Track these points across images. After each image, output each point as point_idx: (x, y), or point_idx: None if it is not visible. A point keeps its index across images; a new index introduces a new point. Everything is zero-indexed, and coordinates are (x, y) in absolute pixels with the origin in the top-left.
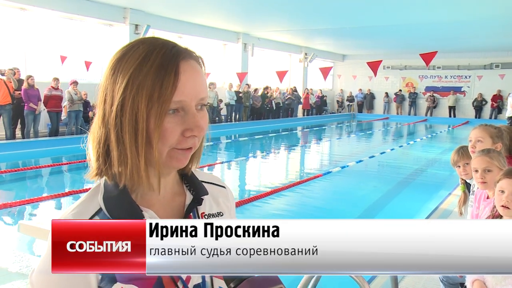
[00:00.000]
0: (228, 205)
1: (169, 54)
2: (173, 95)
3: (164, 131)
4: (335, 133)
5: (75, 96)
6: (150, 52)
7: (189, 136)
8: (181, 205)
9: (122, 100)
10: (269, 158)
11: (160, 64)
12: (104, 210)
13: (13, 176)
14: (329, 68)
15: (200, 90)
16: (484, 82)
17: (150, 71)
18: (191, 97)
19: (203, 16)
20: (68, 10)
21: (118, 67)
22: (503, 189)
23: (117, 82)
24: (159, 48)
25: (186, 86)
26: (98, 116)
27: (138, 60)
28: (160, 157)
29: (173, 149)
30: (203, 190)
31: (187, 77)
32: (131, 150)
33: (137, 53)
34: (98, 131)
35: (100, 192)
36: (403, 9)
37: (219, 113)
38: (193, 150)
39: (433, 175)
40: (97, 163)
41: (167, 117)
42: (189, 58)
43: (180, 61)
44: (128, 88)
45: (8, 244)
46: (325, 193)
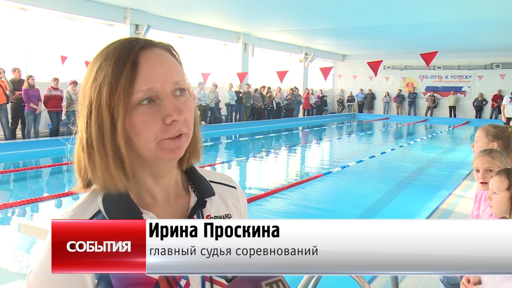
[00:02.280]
0: (238, 206)
1: (127, 47)
2: (133, 85)
3: (143, 122)
4: (336, 133)
5: (74, 96)
6: (110, 52)
7: (170, 123)
8: (185, 207)
9: (89, 104)
10: (270, 158)
11: (117, 58)
12: (103, 211)
13: (14, 176)
14: (330, 68)
15: (169, 75)
16: (485, 82)
17: (109, 68)
18: (162, 82)
19: (203, 16)
20: (69, 10)
21: (87, 74)
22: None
23: (85, 89)
24: (118, 45)
25: (151, 72)
26: (77, 132)
27: (100, 61)
28: (148, 151)
29: (161, 140)
30: (209, 191)
31: (150, 65)
32: (99, 152)
33: (102, 55)
34: (77, 142)
35: (100, 193)
36: (404, 9)
37: (219, 113)
38: (184, 138)
39: (434, 175)
40: (80, 176)
41: (142, 108)
42: (152, 47)
43: (140, 51)
44: (92, 89)
45: (8, 244)
46: (326, 193)
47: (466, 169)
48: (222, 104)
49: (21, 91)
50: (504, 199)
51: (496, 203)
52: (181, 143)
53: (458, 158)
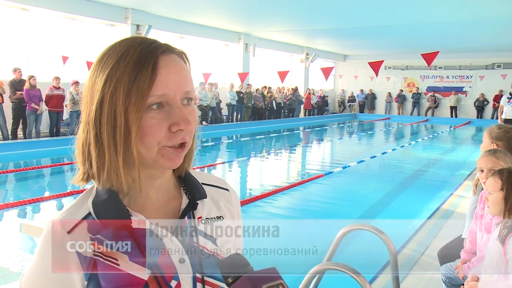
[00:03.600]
0: (230, 208)
1: (147, 49)
2: (151, 89)
3: (150, 127)
4: (337, 133)
5: (76, 97)
6: (128, 49)
7: (176, 131)
8: (176, 209)
9: (101, 99)
10: (271, 158)
11: (137, 59)
12: (92, 214)
13: (15, 176)
14: (331, 68)
15: (184, 84)
16: (486, 82)
17: (127, 67)
18: (175, 90)
19: (204, 16)
20: (70, 10)
21: (98, 68)
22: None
23: (96, 82)
24: (137, 45)
25: (169, 79)
26: (82, 118)
27: (116, 58)
28: (149, 155)
29: (164, 147)
30: (201, 193)
31: (168, 71)
32: (109, 149)
33: (116, 52)
34: (82, 134)
35: (91, 196)
36: (405, 9)
37: (220, 113)
38: (185, 148)
39: (435, 175)
40: (83, 168)
41: (151, 113)
42: (170, 53)
43: (159, 56)
44: (107, 85)
45: (9, 244)
46: (327, 193)
47: (467, 169)
48: (223, 104)
49: (23, 91)
50: (498, 199)
51: (492, 203)
52: (182, 153)
53: (459, 158)
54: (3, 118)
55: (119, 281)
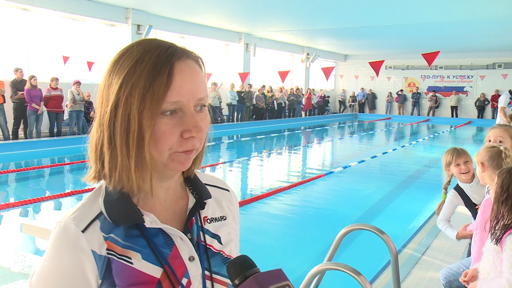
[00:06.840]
0: (231, 208)
1: (164, 55)
2: (166, 95)
3: (163, 133)
4: (337, 133)
5: (77, 97)
6: (145, 53)
7: (188, 138)
8: (184, 209)
9: (116, 101)
10: (271, 158)
11: (154, 64)
12: (104, 213)
13: (16, 176)
14: (331, 68)
15: (198, 91)
16: (487, 82)
17: (143, 72)
18: (189, 97)
19: (205, 17)
20: (71, 10)
21: (114, 69)
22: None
23: (112, 84)
24: (154, 49)
25: (183, 86)
26: (96, 118)
27: (132, 62)
28: (160, 159)
29: (175, 152)
30: (207, 193)
31: (183, 77)
32: (122, 151)
33: (132, 55)
34: (95, 134)
35: (101, 195)
36: (405, 9)
37: (221, 113)
38: (195, 152)
39: (435, 175)
40: (95, 166)
41: (165, 119)
42: (186, 58)
43: (176, 61)
44: (122, 89)
45: (10, 244)
46: (327, 193)
47: None
48: (223, 104)
49: (24, 91)
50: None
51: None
52: (192, 156)
53: None
54: (4, 118)
55: (133, 279)
